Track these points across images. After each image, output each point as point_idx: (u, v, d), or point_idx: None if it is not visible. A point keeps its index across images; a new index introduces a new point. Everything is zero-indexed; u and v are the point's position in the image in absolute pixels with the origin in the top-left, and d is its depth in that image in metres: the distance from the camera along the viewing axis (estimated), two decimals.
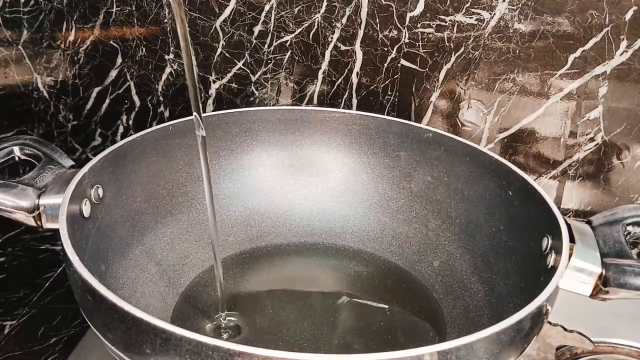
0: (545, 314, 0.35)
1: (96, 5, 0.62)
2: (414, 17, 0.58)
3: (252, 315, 0.47)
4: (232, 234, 0.54)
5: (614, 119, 0.59)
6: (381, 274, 0.53)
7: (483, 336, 0.30)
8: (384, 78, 0.62)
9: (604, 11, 0.55)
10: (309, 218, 0.56)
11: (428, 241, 0.53)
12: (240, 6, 0.60)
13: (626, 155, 0.60)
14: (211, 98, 0.65)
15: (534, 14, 0.56)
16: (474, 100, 0.61)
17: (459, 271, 0.50)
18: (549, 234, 0.41)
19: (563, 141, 0.61)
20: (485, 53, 0.58)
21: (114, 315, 0.31)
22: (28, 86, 0.65)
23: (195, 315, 0.47)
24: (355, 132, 0.56)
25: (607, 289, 0.37)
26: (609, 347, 0.52)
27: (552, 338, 0.50)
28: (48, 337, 0.51)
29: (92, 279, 0.32)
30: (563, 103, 0.59)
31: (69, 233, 0.36)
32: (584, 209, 0.63)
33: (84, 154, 0.70)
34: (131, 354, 0.32)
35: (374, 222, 0.56)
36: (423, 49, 0.60)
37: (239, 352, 0.27)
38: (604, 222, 0.41)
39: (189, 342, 0.28)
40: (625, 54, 0.56)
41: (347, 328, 0.47)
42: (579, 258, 0.38)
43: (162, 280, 0.48)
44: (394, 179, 0.55)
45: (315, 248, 0.55)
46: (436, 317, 0.48)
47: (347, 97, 0.63)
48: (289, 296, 0.50)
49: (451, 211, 0.52)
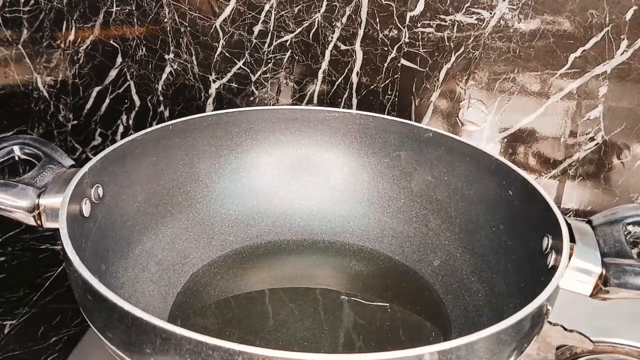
0: (545, 314, 0.35)
1: (96, 4, 0.62)
2: (414, 16, 0.58)
3: (252, 314, 0.47)
4: (232, 233, 0.54)
5: (614, 118, 0.59)
6: (381, 273, 0.53)
7: (483, 336, 0.30)
8: (384, 78, 0.62)
9: (604, 11, 0.55)
10: (308, 217, 0.56)
11: (428, 241, 0.53)
12: (240, 6, 0.60)
13: (626, 154, 0.60)
14: (211, 98, 0.65)
15: (534, 14, 0.56)
16: (474, 100, 0.61)
17: (459, 271, 0.50)
18: (549, 233, 0.41)
19: (563, 141, 0.61)
20: (486, 53, 0.58)
21: (114, 315, 0.31)
22: (28, 86, 0.65)
23: (195, 315, 0.47)
24: (355, 132, 0.56)
25: (608, 288, 0.37)
26: (609, 347, 0.52)
27: (552, 338, 0.50)
28: (48, 337, 0.51)
29: (92, 278, 0.32)
30: (563, 103, 0.59)
31: (69, 232, 0.36)
32: (584, 209, 0.63)
33: (84, 153, 0.70)
34: (131, 354, 0.32)
35: (374, 222, 0.56)
36: (423, 49, 0.60)
37: (239, 351, 0.27)
38: (604, 221, 0.41)
39: (189, 342, 0.28)
40: (626, 53, 0.56)
41: (347, 327, 0.47)
42: (579, 258, 0.38)
43: (162, 279, 0.48)
44: (394, 178, 0.55)
45: (316, 247, 0.55)
46: (439, 315, 0.48)
47: (347, 96, 0.63)
48: (289, 295, 0.50)
49: (451, 211, 0.52)
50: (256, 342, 0.43)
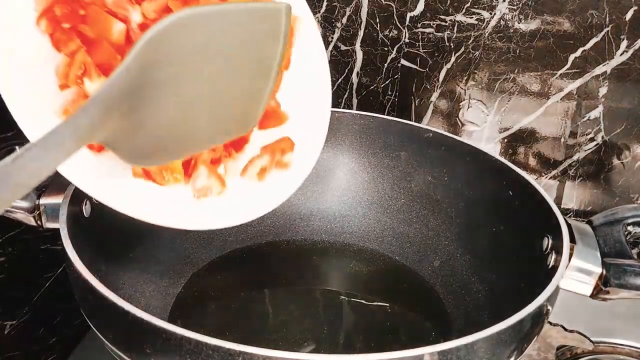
0: (545, 314, 0.35)
1: None
2: (414, 16, 0.58)
3: (252, 314, 0.47)
4: (232, 233, 0.54)
5: (614, 119, 0.59)
6: (381, 273, 0.53)
7: (483, 336, 0.30)
8: (384, 78, 0.62)
9: (604, 11, 0.55)
10: (308, 217, 0.56)
11: (428, 241, 0.53)
12: None
13: (626, 155, 0.60)
14: None
15: (534, 14, 0.56)
16: (474, 100, 0.61)
17: (459, 271, 0.50)
18: (549, 234, 0.41)
19: (563, 141, 0.61)
20: (486, 53, 0.58)
21: (114, 315, 0.31)
22: None
23: (195, 315, 0.47)
24: (355, 132, 0.56)
25: (608, 289, 0.37)
26: (609, 347, 0.52)
27: (552, 338, 0.50)
28: (48, 337, 0.51)
29: (92, 278, 0.32)
30: (563, 103, 0.59)
31: (69, 233, 0.36)
32: (584, 209, 0.63)
33: None
34: (131, 354, 0.32)
35: (374, 222, 0.56)
36: (423, 49, 0.60)
37: (239, 352, 0.27)
38: (604, 222, 0.41)
39: (189, 342, 0.28)
40: (626, 53, 0.56)
41: (348, 327, 0.47)
42: (579, 258, 0.38)
43: (162, 279, 0.48)
44: (394, 179, 0.55)
45: (316, 247, 0.55)
46: (440, 315, 0.48)
47: (347, 97, 0.63)
48: (289, 295, 0.50)
49: (451, 211, 0.52)
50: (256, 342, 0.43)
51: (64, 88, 0.35)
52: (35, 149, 0.24)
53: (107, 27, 0.35)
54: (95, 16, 0.35)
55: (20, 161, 0.23)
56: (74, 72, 0.35)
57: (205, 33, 0.31)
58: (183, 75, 0.31)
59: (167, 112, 0.32)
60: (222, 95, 0.34)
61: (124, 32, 0.35)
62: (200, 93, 0.33)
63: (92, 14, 0.35)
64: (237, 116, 0.36)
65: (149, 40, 0.29)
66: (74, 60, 0.35)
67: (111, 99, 0.28)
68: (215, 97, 0.34)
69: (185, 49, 0.31)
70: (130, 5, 0.36)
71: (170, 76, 0.31)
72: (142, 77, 0.29)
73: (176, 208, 0.38)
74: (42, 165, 0.24)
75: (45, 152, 0.24)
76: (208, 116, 0.34)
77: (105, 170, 0.35)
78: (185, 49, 0.31)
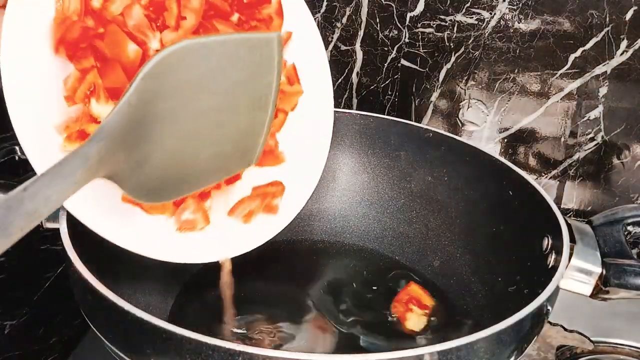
0: (545, 314, 0.35)
1: None
2: (414, 16, 0.58)
3: (252, 313, 0.47)
4: None
5: (614, 118, 0.59)
6: (381, 273, 0.53)
7: (483, 336, 0.30)
8: (384, 78, 0.62)
9: (604, 11, 0.55)
10: (309, 218, 0.56)
11: (428, 241, 0.53)
12: None
13: (626, 155, 0.60)
14: None
15: (535, 14, 0.56)
16: (474, 100, 0.61)
17: (459, 271, 0.50)
18: (549, 234, 0.41)
19: (563, 141, 0.61)
20: (486, 53, 0.58)
21: (114, 314, 0.31)
22: None
23: (196, 315, 0.47)
24: (355, 132, 0.56)
25: (608, 288, 0.37)
26: (609, 347, 0.52)
27: (552, 338, 0.50)
28: (48, 337, 0.51)
29: (92, 278, 0.32)
30: (563, 103, 0.59)
31: (69, 233, 0.36)
32: (584, 209, 0.63)
33: None
34: (131, 354, 0.32)
35: (374, 222, 0.56)
36: (423, 49, 0.60)
37: (239, 351, 0.27)
38: (604, 222, 0.41)
39: (189, 342, 0.28)
40: (626, 53, 0.56)
41: (348, 327, 0.47)
42: (579, 258, 0.38)
43: (162, 279, 0.48)
44: (394, 179, 0.55)
45: (316, 247, 0.55)
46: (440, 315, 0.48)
47: (347, 97, 0.63)
48: (289, 295, 0.50)
49: (451, 211, 0.52)
50: (256, 342, 0.43)
51: (69, 100, 0.35)
52: (45, 177, 0.25)
53: (123, 48, 0.35)
54: (113, 35, 0.35)
55: (31, 189, 0.24)
56: (83, 90, 0.35)
57: (201, 64, 0.32)
58: (183, 108, 0.32)
59: (169, 147, 0.32)
60: (221, 128, 0.35)
61: (139, 54, 0.35)
62: (200, 126, 0.34)
63: (110, 32, 0.35)
64: (238, 151, 0.37)
65: (148, 72, 0.29)
66: (85, 79, 0.35)
67: (116, 131, 0.28)
68: (215, 130, 0.35)
69: (184, 81, 0.31)
70: (150, 32, 0.36)
71: (171, 109, 0.31)
72: (144, 110, 0.30)
73: (156, 238, 0.39)
74: (53, 194, 0.25)
75: (55, 181, 0.25)
76: (209, 151, 0.35)
77: (93, 192, 0.35)
78: (184, 81, 0.31)
